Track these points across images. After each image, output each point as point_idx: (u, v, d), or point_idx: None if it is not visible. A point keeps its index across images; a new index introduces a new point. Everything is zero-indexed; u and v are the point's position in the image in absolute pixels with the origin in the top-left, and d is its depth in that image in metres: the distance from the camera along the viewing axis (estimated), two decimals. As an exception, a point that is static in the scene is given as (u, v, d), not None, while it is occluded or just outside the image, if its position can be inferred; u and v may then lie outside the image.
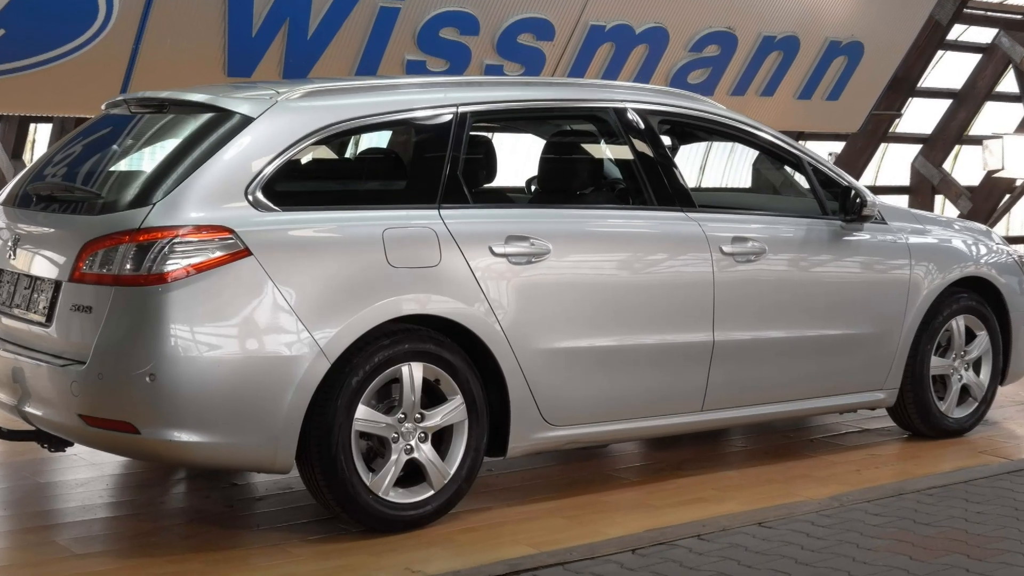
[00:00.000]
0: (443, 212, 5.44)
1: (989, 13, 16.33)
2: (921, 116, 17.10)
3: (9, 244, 5.49)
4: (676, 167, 6.26)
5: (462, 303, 5.37)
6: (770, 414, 6.52)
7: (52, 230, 5.37)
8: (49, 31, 9.06)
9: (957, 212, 16.97)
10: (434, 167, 5.53)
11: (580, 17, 11.47)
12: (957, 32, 16.40)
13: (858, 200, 6.59)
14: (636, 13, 11.82)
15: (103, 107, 6.03)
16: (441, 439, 5.39)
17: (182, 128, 5.47)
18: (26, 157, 11.40)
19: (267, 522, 5.51)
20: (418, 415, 5.30)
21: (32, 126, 11.42)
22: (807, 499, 5.87)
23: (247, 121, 5.22)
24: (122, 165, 5.58)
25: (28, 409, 5.28)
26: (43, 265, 5.28)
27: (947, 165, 17.54)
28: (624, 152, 6.18)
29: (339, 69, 10.38)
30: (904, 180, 17.46)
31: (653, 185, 6.08)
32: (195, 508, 5.77)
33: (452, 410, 5.37)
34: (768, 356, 6.33)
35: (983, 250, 7.26)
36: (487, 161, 5.96)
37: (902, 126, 17.07)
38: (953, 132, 17.01)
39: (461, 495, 5.46)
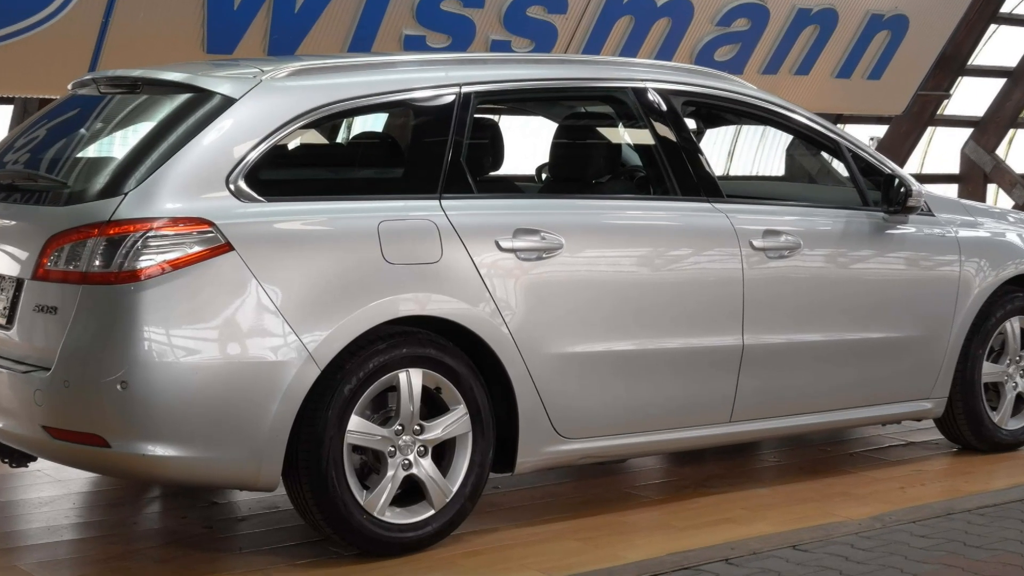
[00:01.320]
0: (445, 203, 5.44)
1: (1047, -17, 16.33)
2: (972, 97, 17.08)
3: (-34, 238, 5.49)
4: (702, 153, 6.26)
5: (466, 303, 5.37)
6: (805, 426, 6.52)
7: (13, 223, 5.37)
8: (9, 4, 9.07)
9: (1012, 203, 16.95)
10: (435, 153, 5.53)
11: (596, -12, 11.48)
12: (1011, 4, 16.37)
13: (902, 190, 6.59)
14: (657, -17, 11.83)
15: (69, 87, 6.03)
16: (442, 453, 5.39)
17: (157, 110, 5.46)
18: (-15, 142, 11.41)
19: (251, 545, 5.51)
20: (417, 427, 5.30)
21: (-9, 108, 11.43)
22: (846, 519, 5.86)
23: (228, 102, 5.22)
24: (90, 151, 5.58)
25: (-13, 420, 5.28)
26: (3, 261, 5.28)
27: (1000, 151, 17.53)
28: (644, 137, 6.18)
29: (330, 46, 10.38)
30: (953, 167, 17.44)
31: (676, 173, 6.08)
32: (171, 529, 5.77)
33: (454, 421, 5.37)
34: (803, 362, 6.33)
35: (1041, 245, 7.24)
36: (493, 147, 5.95)
37: (951, 108, 17.05)
38: (1007, 114, 16.99)
39: (464, 515, 5.46)
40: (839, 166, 6.83)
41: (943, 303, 6.79)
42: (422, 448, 5.31)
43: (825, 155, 6.96)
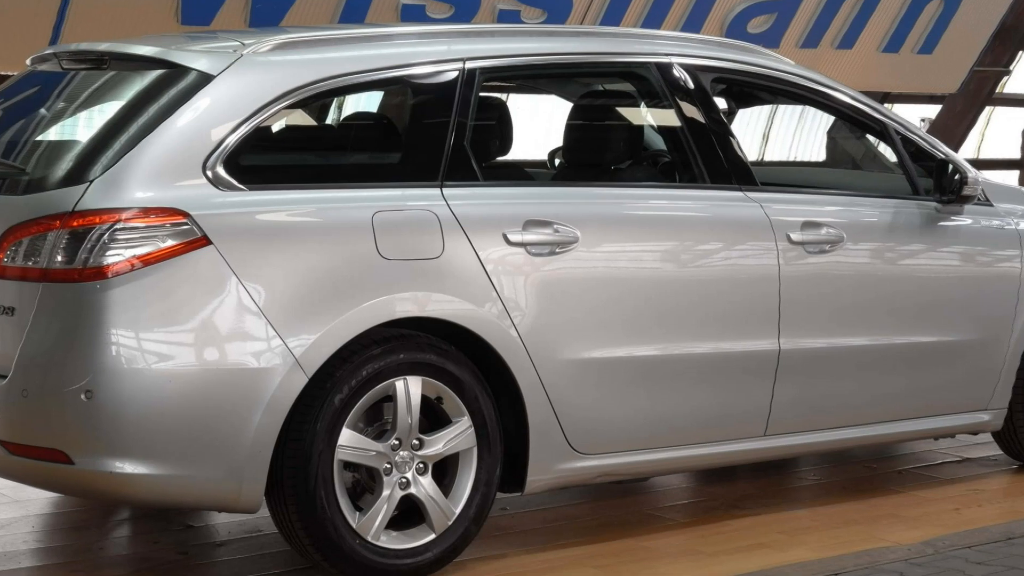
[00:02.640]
0: (446, 192, 5.44)
1: (1118, -54, 16.28)
2: (1034, 73, 17.08)
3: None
4: (733, 136, 6.25)
5: (470, 303, 5.37)
6: (848, 440, 6.51)
7: (-34, 214, 5.37)
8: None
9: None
10: (436, 136, 5.53)
11: (615, -48, 11.48)
12: (1079, -30, 16.36)
13: (957, 176, 6.58)
14: (684, -53, 11.83)
15: (28, 62, 6.03)
16: (444, 471, 5.39)
17: (125, 88, 5.47)
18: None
19: (230, 572, 5.52)
20: (416, 441, 5.30)
21: (-57, 86, 11.45)
22: (894, 544, 5.86)
23: (205, 79, 5.22)
24: (52, 134, 5.59)
25: (-63, 433, 5.28)
26: (-45, 257, 5.28)
27: (1066, 134, 17.52)
28: (669, 118, 6.18)
29: (318, 16, 10.39)
30: (1014, 152, 17.44)
31: (705, 158, 6.07)
32: (141, 556, 5.77)
33: (457, 435, 5.37)
34: (846, 369, 6.33)
35: (1112, 238, 7.23)
36: (501, 129, 5.96)
37: (1011, 86, 17.05)
38: (1074, 93, 16.99)
39: (468, 539, 5.45)
40: (886, 150, 6.82)
41: (1002, 303, 6.78)
42: (421, 465, 5.31)
43: (871, 138, 6.95)
